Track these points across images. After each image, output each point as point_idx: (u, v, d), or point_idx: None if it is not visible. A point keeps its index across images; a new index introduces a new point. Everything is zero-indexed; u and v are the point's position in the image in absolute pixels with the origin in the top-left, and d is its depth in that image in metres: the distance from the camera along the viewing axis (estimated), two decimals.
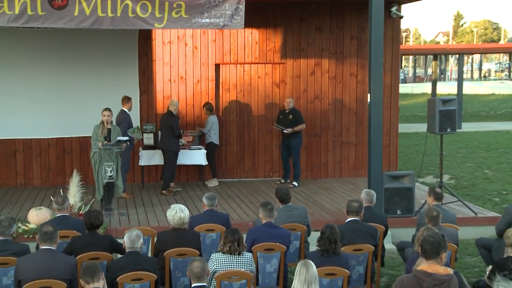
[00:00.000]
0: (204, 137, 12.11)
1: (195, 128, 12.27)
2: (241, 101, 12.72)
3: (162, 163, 11.50)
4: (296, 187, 11.79)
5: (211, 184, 12.06)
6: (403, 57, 53.48)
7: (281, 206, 7.43)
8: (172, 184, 11.50)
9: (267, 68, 12.75)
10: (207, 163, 11.91)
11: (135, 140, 10.86)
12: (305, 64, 12.67)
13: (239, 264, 5.84)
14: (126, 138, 9.89)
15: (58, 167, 12.17)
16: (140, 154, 11.75)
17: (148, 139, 11.86)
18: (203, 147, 11.95)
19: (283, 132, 11.79)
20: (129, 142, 10.09)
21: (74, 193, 9.44)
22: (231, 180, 12.60)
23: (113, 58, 12.07)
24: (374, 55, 8.97)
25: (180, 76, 12.42)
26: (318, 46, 12.66)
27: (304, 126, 11.95)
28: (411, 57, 62.11)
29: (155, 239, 6.79)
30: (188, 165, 12.20)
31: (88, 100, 11.89)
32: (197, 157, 11.82)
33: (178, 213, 6.47)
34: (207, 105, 12.05)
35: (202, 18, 8.90)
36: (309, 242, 7.46)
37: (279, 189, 7.61)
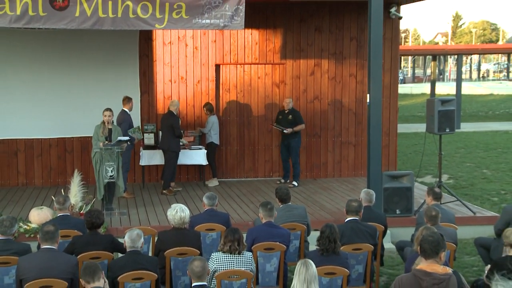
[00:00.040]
0: (205, 137, 12.14)
1: (195, 128, 12.31)
2: (241, 101, 12.76)
3: (162, 163, 11.53)
4: (296, 186, 11.82)
5: (211, 184, 12.10)
6: (402, 57, 53.48)
7: (281, 206, 7.44)
8: (172, 184, 11.53)
9: (267, 68, 12.79)
10: (207, 163, 11.94)
11: (136, 140, 10.89)
12: (305, 64, 12.71)
13: (239, 264, 5.84)
14: (126, 138, 9.92)
15: (59, 167, 12.20)
16: (140, 154, 11.78)
17: (149, 139, 11.89)
18: (203, 147, 11.98)
19: (283, 132, 11.83)
20: (129, 142, 10.11)
21: (75, 192, 9.46)
22: (231, 180, 12.63)
23: (114, 58, 12.10)
24: (373, 56, 8.99)
25: (180, 76, 12.46)
26: (318, 46, 12.70)
27: (303, 126, 11.99)
28: (410, 58, 62.12)
29: (156, 239, 6.80)
30: (188, 165, 12.24)
31: (89, 100, 11.92)
32: (197, 157, 11.85)
33: (178, 212, 6.48)
34: (207, 106, 12.08)
35: (202, 19, 8.91)
36: (308, 242, 7.46)
37: (279, 188, 7.62)
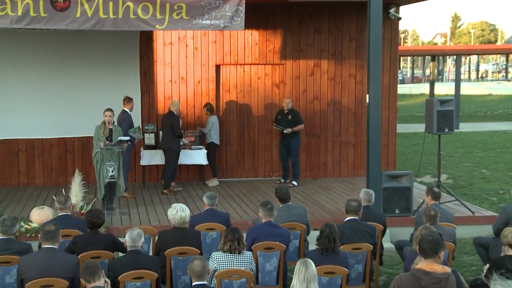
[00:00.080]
0: (205, 137, 12.18)
1: (196, 128, 12.34)
2: (241, 101, 12.80)
3: (163, 163, 11.56)
4: (296, 186, 11.86)
5: (211, 184, 12.13)
6: (401, 58, 53.56)
7: (280, 206, 7.47)
8: (173, 184, 11.56)
9: (267, 69, 12.83)
10: (207, 163, 11.97)
11: (136, 140, 10.93)
12: (305, 65, 12.74)
13: (239, 263, 5.85)
14: (127, 138, 9.95)
15: (60, 166, 12.24)
16: (141, 154, 11.81)
17: (149, 139, 11.91)
18: (203, 147, 12.01)
19: (283, 132, 11.86)
20: (130, 142, 10.13)
21: (76, 192, 9.47)
22: (231, 179, 12.66)
23: (115, 59, 12.13)
24: (372, 56, 9.02)
25: (181, 76, 12.50)
26: (318, 47, 12.73)
27: (303, 126, 12.02)
28: (409, 58, 62.15)
29: (156, 238, 6.83)
30: (188, 165, 12.27)
31: (89, 100, 11.95)
32: (197, 157, 11.87)
33: (179, 212, 6.49)
34: (208, 106, 12.12)
35: (202, 20, 8.94)
36: (308, 241, 7.48)
37: (279, 188, 7.64)
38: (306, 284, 4.84)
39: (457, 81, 25.39)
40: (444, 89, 39.61)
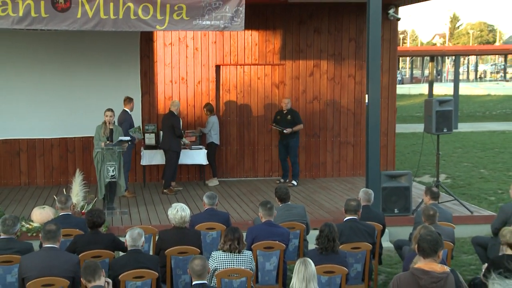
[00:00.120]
0: (205, 137, 12.22)
1: (196, 128, 12.38)
2: (241, 101, 12.83)
3: (163, 163, 11.59)
4: (295, 186, 11.89)
5: (211, 184, 12.16)
6: (400, 58, 53.53)
7: (280, 205, 7.48)
8: (173, 184, 11.59)
9: (267, 69, 12.86)
10: (207, 163, 12.01)
11: (136, 140, 10.97)
12: (304, 65, 12.78)
13: (239, 262, 5.86)
14: (128, 138, 9.98)
15: (61, 166, 12.28)
16: (141, 153, 11.83)
17: (150, 139, 11.93)
18: (203, 147, 12.05)
19: (283, 132, 11.90)
20: (130, 142, 10.17)
21: (77, 192, 9.49)
22: (231, 179, 12.70)
23: (115, 59, 12.16)
24: (372, 57, 9.02)
25: (181, 77, 12.53)
26: (317, 47, 12.77)
27: (302, 126, 12.06)
28: (408, 59, 62.04)
29: (157, 238, 6.83)
30: (189, 165, 12.30)
31: (90, 101, 11.98)
32: (198, 157, 11.90)
33: (179, 212, 6.51)
34: (208, 106, 12.15)
35: (202, 20, 8.97)
36: (308, 241, 7.49)
37: (279, 188, 7.66)
38: (305, 283, 4.85)
39: (456, 81, 25.41)
40: (443, 89, 39.62)
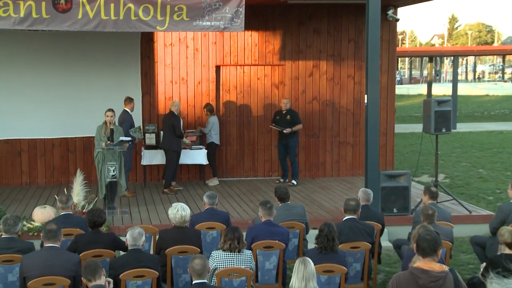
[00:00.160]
0: (205, 137, 12.26)
1: (196, 128, 12.42)
2: (241, 102, 12.86)
3: (163, 163, 11.61)
4: (295, 185, 11.93)
5: (211, 183, 12.19)
6: (399, 59, 53.43)
7: (280, 205, 7.51)
8: (173, 183, 11.62)
9: (267, 69, 12.90)
10: (207, 163, 12.04)
11: (137, 140, 11.00)
12: (304, 66, 12.82)
13: (239, 262, 5.88)
14: (128, 138, 10.00)
15: (62, 166, 12.30)
16: (142, 153, 11.85)
17: (150, 139, 11.95)
18: (204, 147, 12.08)
19: (282, 132, 11.94)
20: (131, 142, 10.20)
21: (77, 192, 9.53)
22: (231, 179, 12.73)
23: (116, 60, 12.19)
24: (371, 57, 9.04)
25: (181, 77, 12.56)
26: (316, 48, 12.80)
27: (301, 126, 12.09)
28: (407, 59, 61.97)
29: (157, 237, 6.85)
30: (189, 165, 12.33)
31: (91, 101, 12.00)
32: (198, 157, 11.93)
33: (179, 211, 6.53)
34: (208, 106, 12.18)
35: (203, 21, 8.98)
36: (307, 240, 7.52)
37: (278, 188, 7.69)
38: (305, 282, 4.87)
39: (454, 81, 25.42)
40: (442, 89, 39.57)
